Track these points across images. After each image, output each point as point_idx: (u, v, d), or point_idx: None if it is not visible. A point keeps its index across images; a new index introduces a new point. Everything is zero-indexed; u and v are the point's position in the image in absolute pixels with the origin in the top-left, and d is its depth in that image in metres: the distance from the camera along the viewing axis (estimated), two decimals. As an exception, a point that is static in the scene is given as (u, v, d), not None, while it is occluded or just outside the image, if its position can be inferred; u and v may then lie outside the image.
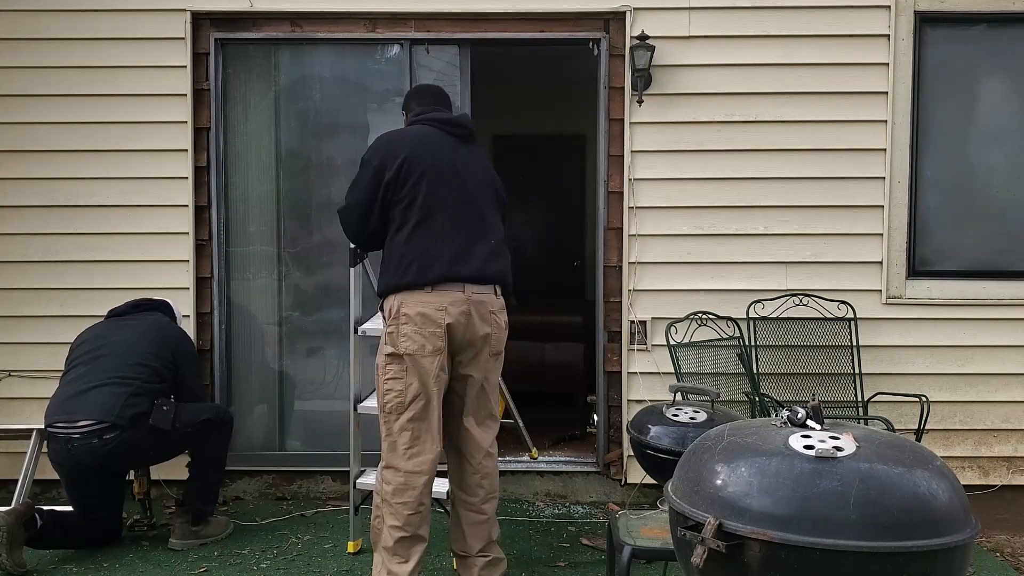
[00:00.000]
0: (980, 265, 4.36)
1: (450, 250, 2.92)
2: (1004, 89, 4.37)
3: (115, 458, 3.54)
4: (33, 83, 4.32)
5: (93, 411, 3.49)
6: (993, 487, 4.30)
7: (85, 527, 3.65)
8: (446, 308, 2.89)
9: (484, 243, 2.99)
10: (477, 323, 2.95)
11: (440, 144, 3.04)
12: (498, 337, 3.04)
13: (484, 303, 2.96)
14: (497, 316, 3.03)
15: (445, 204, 2.94)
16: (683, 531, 1.66)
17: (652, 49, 4.16)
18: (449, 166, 3.00)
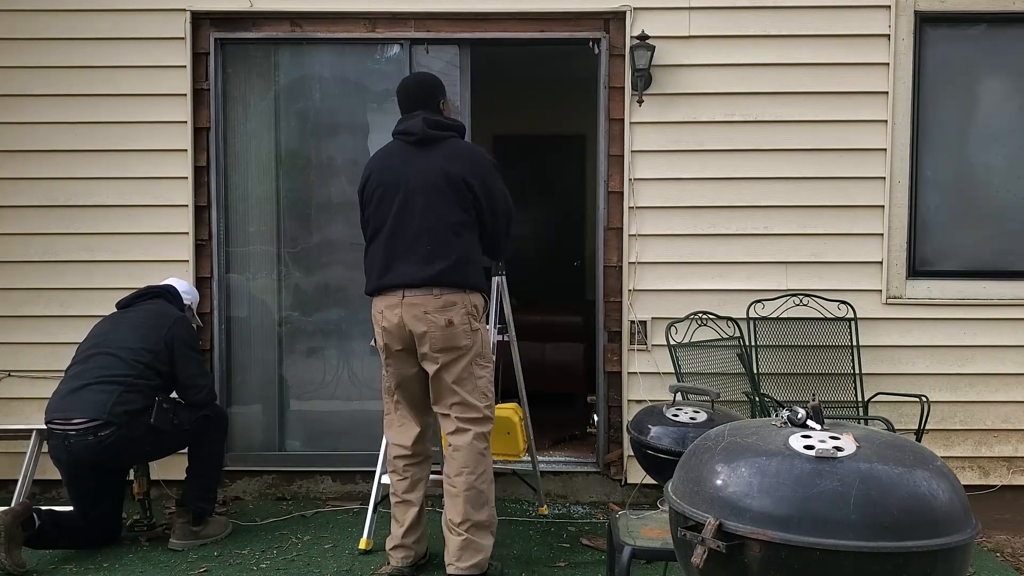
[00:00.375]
0: (980, 265, 4.36)
1: (383, 261, 3.27)
2: (1004, 89, 4.37)
3: (112, 454, 3.54)
4: (33, 83, 4.32)
5: (87, 409, 3.51)
6: (993, 487, 4.30)
7: (84, 527, 3.65)
8: (383, 312, 3.28)
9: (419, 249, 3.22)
10: (411, 323, 3.21)
11: (391, 157, 3.34)
12: (437, 335, 3.20)
13: (417, 304, 3.21)
14: (432, 315, 3.20)
15: (386, 218, 3.27)
16: (683, 531, 1.66)
17: (652, 49, 4.16)
18: (395, 179, 3.28)
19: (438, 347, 3.20)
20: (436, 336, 3.19)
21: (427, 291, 3.19)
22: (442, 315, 3.18)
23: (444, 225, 3.22)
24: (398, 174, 3.27)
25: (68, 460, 3.55)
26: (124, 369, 3.61)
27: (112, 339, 3.70)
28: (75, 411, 3.52)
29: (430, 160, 3.26)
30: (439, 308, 3.19)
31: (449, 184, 3.23)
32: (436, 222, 3.21)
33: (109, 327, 3.79)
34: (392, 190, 3.26)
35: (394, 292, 3.23)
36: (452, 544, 3.22)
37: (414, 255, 3.21)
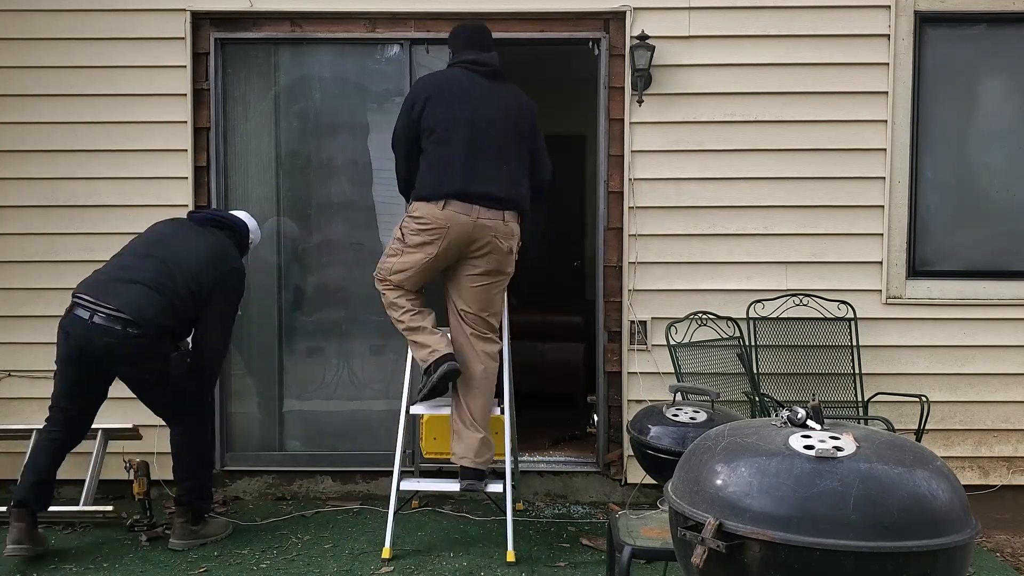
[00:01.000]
0: (980, 265, 4.36)
1: (463, 168, 3.43)
2: (1004, 89, 4.37)
3: (121, 353, 3.47)
4: (33, 83, 4.32)
5: (127, 303, 3.43)
6: (993, 487, 4.30)
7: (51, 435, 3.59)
8: (449, 217, 3.43)
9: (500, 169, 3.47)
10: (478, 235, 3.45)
11: (459, 80, 3.55)
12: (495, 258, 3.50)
13: (488, 228, 3.46)
14: (500, 240, 3.48)
15: (461, 129, 3.44)
16: (683, 531, 1.66)
17: (652, 49, 4.16)
18: (469, 99, 3.48)
19: (492, 268, 3.53)
20: (494, 259, 3.51)
21: (499, 215, 3.47)
22: (506, 242, 3.52)
23: (518, 155, 3.54)
24: (472, 96, 3.49)
25: (79, 338, 3.45)
26: (174, 286, 3.52)
27: (175, 252, 3.60)
28: (114, 299, 3.44)
29: (500, 92, 3.57)
30: (506, 235, 3.51)
31: (520, 120, 3.57)
32: (513, 150, 3.52)
33: (173, 235, 3.70)
34: (467, 108, 3.46)
35: (468, 206, 3.42)
36: (471, 441, 3.56)
37: (495, 173, 3.46)
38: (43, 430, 3.67)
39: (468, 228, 3.44)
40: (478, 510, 4.22)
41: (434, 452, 4.15)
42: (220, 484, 4.45)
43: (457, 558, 3.65)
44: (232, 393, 4.51)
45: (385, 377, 4.51)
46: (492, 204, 3.46)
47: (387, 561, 3.58)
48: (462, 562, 3.60)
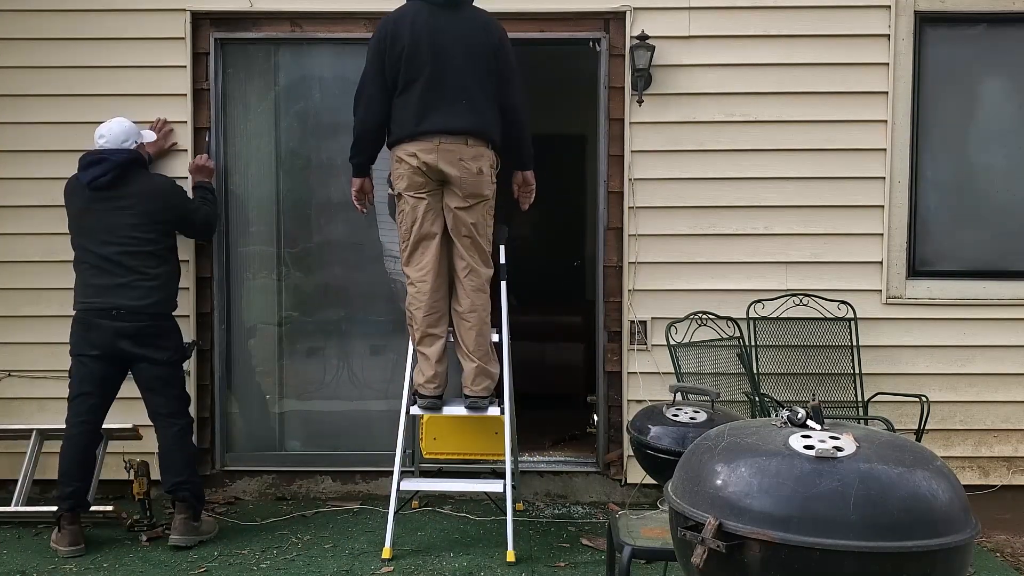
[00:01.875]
0: (980, 265, 4.36)
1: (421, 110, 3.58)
2: (1004, 89, 4.37)
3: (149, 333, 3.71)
4: (33, 83, 4.32)
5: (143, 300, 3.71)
6: (993, 487, 4.30)
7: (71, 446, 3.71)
8: (415, 154, 3.59)
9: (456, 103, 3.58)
10: (446, 166, 3.59)
11: (418, 15, 3.61)
12: (468, 180, 3.62)
13: (452, 151, 3.59)
14: (466, 162, 3.60)
15: (421, 70, 3.57)
16: (683, 531, 1.66)
17: (652, 49, 4.16)
18: (427, 37, 3.57)
19: (467, 191, 3.63)
20: (467, 181, 3.62)
21: (461, 140, 3.60)
22: (474, 163, 3.62)
23: (477, 85, 3.62)
24: (429, 33, 3.58)
25: (109, 332, 3.67)
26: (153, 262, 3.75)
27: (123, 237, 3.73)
28: (129, 301, 3.69)
29: (459, 23, 3.64)
30: (472, 157, 3.62)
31: (479, 48, 3.64)
32: (470, 81, 3.61)
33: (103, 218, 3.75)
34: (425, 47, 3.57)
35: (430, 138, 3.57)
36: (469, 371, 3.75)
37: (452, 107, 3.58)
38: (72, 424, 3.73)
39: (433, 155, 3.58)
40: (478, 510, 4.22)
41: (434, 452, 4.15)
42: (220, 484, 4.45)
43: (457, 558, 3.65)
44: (232, 393, 4.51)
45: (385, 377, 4.51)
46: (451, 134, 3.60)
47: (387, 561, 3.58)
48: (462, 562, 3.60)
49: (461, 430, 4.13)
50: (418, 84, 3.59)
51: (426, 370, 3.74)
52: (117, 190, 3.73)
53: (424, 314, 3.72)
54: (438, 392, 3.76)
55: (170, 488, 3.76)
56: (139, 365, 3.76)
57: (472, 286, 3.75)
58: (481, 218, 3.73)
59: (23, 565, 3.55)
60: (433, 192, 3.67)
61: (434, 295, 3.74)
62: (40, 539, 3.85)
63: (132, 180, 3.76)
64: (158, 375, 3.76)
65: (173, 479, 3.75)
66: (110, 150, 3.77)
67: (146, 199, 3.77)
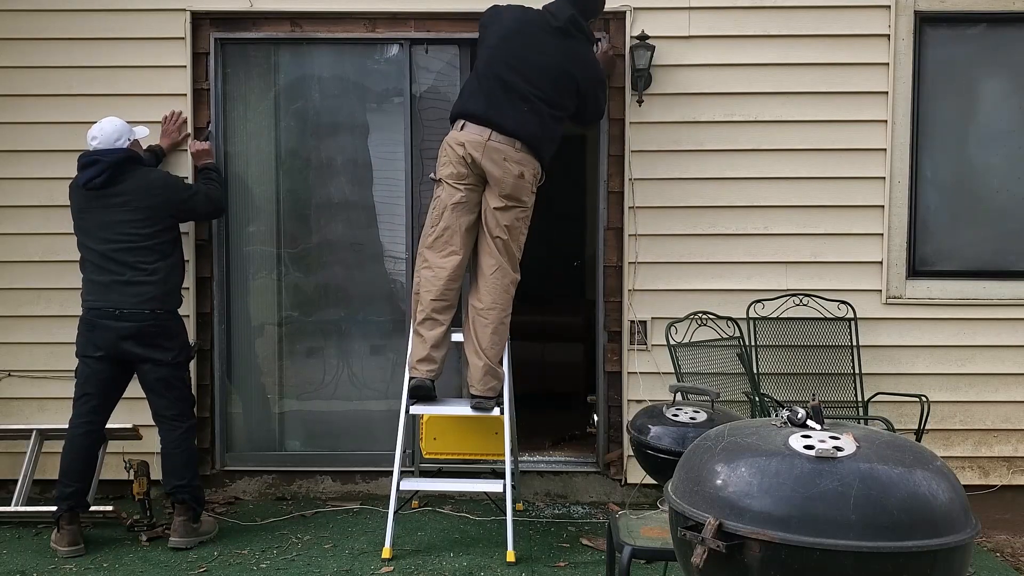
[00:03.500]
0: (980, 265, 4.36)
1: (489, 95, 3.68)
2: (1004, 89, 4.37)
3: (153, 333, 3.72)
4: (33, 83, 4.32)
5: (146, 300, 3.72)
6: (993, 487, 4.30)
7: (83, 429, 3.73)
8: (464, 144, 3.65)
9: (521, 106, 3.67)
10: (488, 164, 3.65)
11: (532, 22, 3.77)
12: (509, 182, 3.67)
13: (499, 150, 3.65)
14: (510, 164, 3.66)
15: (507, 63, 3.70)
16: (683, 531, 1.66)
17: (652, 49, 4.16)
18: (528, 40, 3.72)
19: (507, 192, 3.68)
20: (508, 183, 3.67)
21: (510, 141, 3.66)
22: (517, 167, 3.67)
23: (547, 102, 3.71)
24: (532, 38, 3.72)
25: (112, 333, 3.68)
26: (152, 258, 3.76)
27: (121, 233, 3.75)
28: (133, 298, 3.71)
29: (561, 47, 3.74)
30: (517, 160, 3.67)
31: (564, 78, 3.74)
32: (543, 96, 3.70)
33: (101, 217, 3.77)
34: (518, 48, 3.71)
35: (483, 129, 3.65)
36: (477, 368, 3.73)
37: (515, 108, 3.66)
38: (73, 425, 3.73)
39: (480, 151, 3.63)
40: (478, 510, 4.22)
41: (434, 452, 4.15)
42: (220, 484, 4.45)
43: (457, 558, 3.65)
44: (232, 393, 4.50)
45: (385, 377, 4.51)
46: (504, 132, 3.65)
47: (387, 561, 3.59)
48: (462, 562, 3.60)
49: (461, 430, 4.13)
50: (496, 78, 3.69)
51: (419, 351, 3.75)
52: (113, 188, 3.73)
53: (433, 298, 3.74)
54: (429, 376, 3.75)
55: (170, 490, 3.76)
56: (143, 366, 3.76)
57: (498, 285, 3.77)
58: (516, 222, 3.76)
59: (23, 565, 3.55)
60: (472, 187, 3.71)
61: (449, 283, 3.76)
62: (40, 539, 3.85)
63: (127, 177, 3.76)
64: (161, 376, 3.76)
65: (174, 482, 3.75)
66: (103, 151, 3.78)
67: (143, 195, 3.77)
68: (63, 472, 3.69)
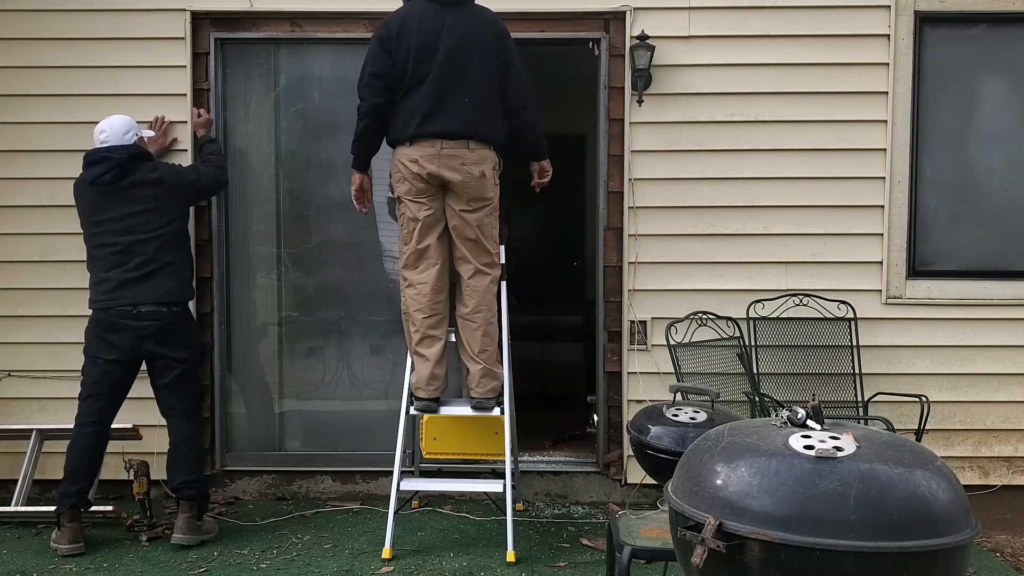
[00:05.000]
0: (980, 265, 4.36)
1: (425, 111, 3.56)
2: (1004, 89, 4.37)
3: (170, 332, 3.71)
4: (33, 83, 4.32)
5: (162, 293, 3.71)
6: (993, 487, 4.30)
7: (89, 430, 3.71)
8: (417, 160, 3.58)
9: (459, 104, 3.57)
10: (448, 172, 3.58)
11: (424, 15, 3.60)
12: (471, 184, 3.61)
13: (455, 156, 3.58)
14: (469, 167, 3.59)
15: (427, 72, 3.56)
16: (683, 531, 1.65)
17: (652, 49, 4.16)
18: (432, 36, 3.56)
19: (471, 195, 3.63)
20: (470, 185, 3.61)
21: (463, 144, 3.58)
22: (476, 167, 3.60)
23: (481, 86, 3.61)
24: (434, 32, 3.57)
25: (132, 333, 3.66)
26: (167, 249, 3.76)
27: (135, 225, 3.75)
28: (148, 295, 3.69)
29: (464, 22, 3.62)
30: (474, 161, 3.60)
31: (484, 48, 3.62)
32: (475, 82, 3.59)
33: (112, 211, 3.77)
34: (431, 48, 3.56)
35: (432, 142, 3.56)
36: (474, 373, 3.72)
37: (454, 108, 3.57)
38: (82, 424, 3.71)
39: (435, 160, 3.57)
40: (478, 510, 4.23)
41: (434, 452, 4.15)
42: (220, 484, 4.45)
43: (457, 558, 3.65)
44: (232, 393, 4.51)
45: (385, 377, 4.51)
46: (455, 136, 3.58)
47: (387, 561, 3.58)
48: (462, 562, 3.60)
49: (461, 430, 4.13)
50: (423, 85, 3.57)
51: (423, 372, 3.71)
52: (123, 182, 3.74)
53: (424, 316, 3.71)
54: (436, 394, 3.73)
55: (178, 486, 3.74)
56: (160, 363, 3.76)
57: (478, 288, 3.73)
58: (486, 219, 3.71)
59: (23, 565, 3.55)
60: (434, 196, 3.66)
61: (435, 296, 3.72)
62: (40, 539, 3.85)
63: (137, 171, 3.77)
64: (178, 373, 3.77)
65: (183, 477, 3.74)
66: (111, 147, 3.78)
67: (154, 186, 3.78)
68: (69, 471, 3.68)
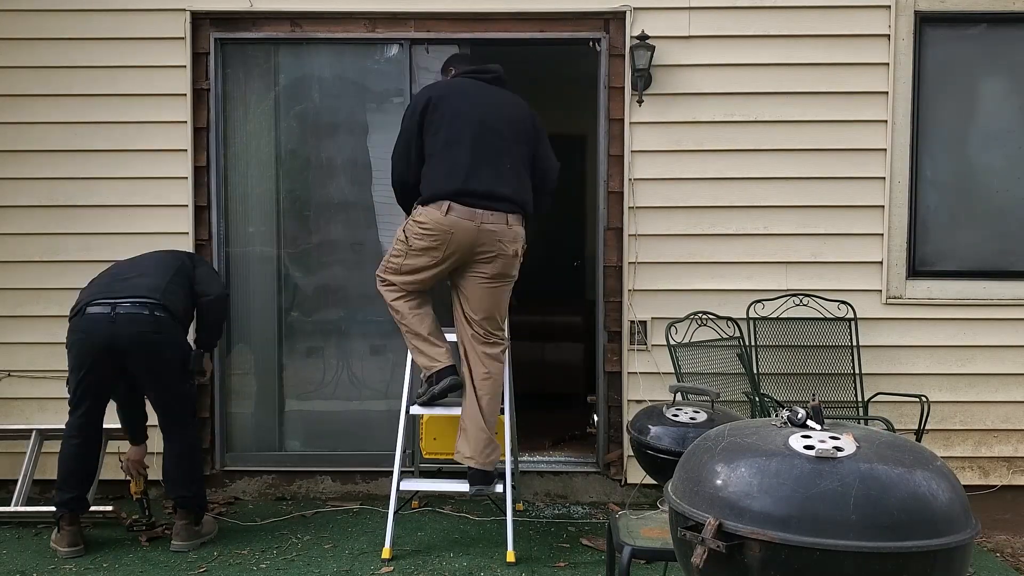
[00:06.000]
0: (980, 265, 4.36)
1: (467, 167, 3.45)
2: (1004, 89, 4.37)
3: (150, 341, 3.53)
4: (33, 83, 4.32)
5: (147, 288, 3.60)
6: (993, 487, 4.30)
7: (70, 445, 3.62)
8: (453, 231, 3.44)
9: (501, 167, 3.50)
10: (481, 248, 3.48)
11: (462, 86, 3.62)
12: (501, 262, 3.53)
13: (493, 232, 3.47)
14: (505, 244, 3.50)
15: (465, 132, 3.48)
16: (683, 531, 1.65)
17: (652, 49, 4.16)
18: (473, 103, 3.54)
19: (498, 271, 3.55)
20: (500, 263, 3.53)
21: (502, 218, 3.49)
22: (511, 245, 3.53)
23: (520, 156, 3.58)
24: (475, 100, 3.56)
25: (104, 334, 3.49)
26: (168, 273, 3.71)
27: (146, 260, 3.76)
28: (131, 289, 3.58)
29: (506, 98, 3.66)
30: (511, 239, 3.53)
31: (523, 123, 3.63)
32: (516, 151, 3.56)
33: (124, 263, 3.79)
34: (470, 110, 3.52)
35: (473, 211, 3.44)
36: (477, 440, 3.56)
37: (499, 171, 3.49)
38: (65, 436, 3.65)
39: (472, 234, 3.46)
40: (478, 510, 4.22)
41: (434, 452, 4.14)
42: (220, 484, 4.45)
43: (457, 558, 3.65)
44: (232, 393, 4.51)
45: (385, 377, 4.51)
46: (494, 206, 3.48)
47: (387, 561, 3.58)
48: (462, 562, 3.60)
49: (461, 430, 4.12)
50: (458, 146, 3.48)
51: (431, 352, 3.64)
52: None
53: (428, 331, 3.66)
54: (451, 361, 3.65)
55: (175, 498, 3.73)
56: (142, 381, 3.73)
57: (488, 354, 3.63)
58: (503, 295, 3.65)
59: (23, 565, 3.55)
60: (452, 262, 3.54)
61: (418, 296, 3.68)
62: (40, 539, 3.85)
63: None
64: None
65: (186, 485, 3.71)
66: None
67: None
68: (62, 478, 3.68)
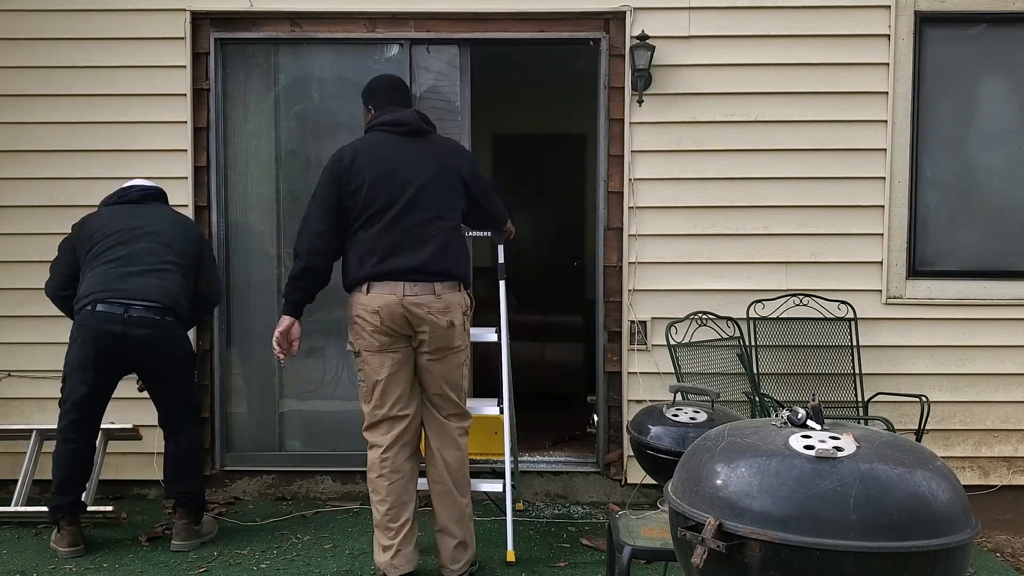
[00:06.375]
0: (980, 265, 4.36)
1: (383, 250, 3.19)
2: (1004, 89, 4.37)
3: (158, 344, 3.54)
4: (33, 83, 4.32)
5: (159, 293, 3.56)
6: (993, 487, 4.30)
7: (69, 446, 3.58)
8: (378, 312, 3.18)
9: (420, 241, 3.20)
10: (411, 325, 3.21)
11: (383, 146, 3.28)
12: (437, 335, 3.24)
13: (420, 305, 3.19)
14: (435, 316, 3.21)
15: (384, 207, 3.20)
16: (683, 531, 1.65)
17: (652, 49, 4.16)
18: (391, 168, 3.22)
19: (437, 346, 3.26)
20: (436, 336, 3.24)
21: (428, 288, 3.20)
22: (443, 317, 3.23)
23: (444, 220, 3.27)
24: (394, 164, 3.23)
25: (115, 334, 3.46)
26: (175, 258, 3.65)
27: (151, 231, 3.67)
28: (142, 290, 3.53)
29: (424, 152, 3.30)
30: (441, 310, 3.22)
31: (446, 176, 3.30)
32: (437, 216, 3.25)
33: (133, 218, 3.70)
34: (387, 180, 3.21)
35: (394, 284, 3.17)
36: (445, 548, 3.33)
37: (420, 246, 3.20)
38: (63, 439, 3.62)
39: (397, 309, 3.17)
40: (478, 510, 4.22)
41: (434, 452, 4.14)
42: (220, 484, 4.45)
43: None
44: (232, 393, 4.51)
45: (385, 377, 4.51)
46: (419, 277, 3.19)
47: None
48: (462, 562, 3.59)
49: (461, 430, 4.11)
50: (382, 221, 3.19)
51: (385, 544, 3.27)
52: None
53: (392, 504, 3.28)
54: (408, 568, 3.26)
55: (175, 496, 3.74)
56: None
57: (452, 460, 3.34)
58: (453, 368, 3.30)
59: (23, 565, 3.55)
60: (399, 342, 3.24)
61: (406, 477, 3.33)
62: (40, 539, 3.85)
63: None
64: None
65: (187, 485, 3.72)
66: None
67: None
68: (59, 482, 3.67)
